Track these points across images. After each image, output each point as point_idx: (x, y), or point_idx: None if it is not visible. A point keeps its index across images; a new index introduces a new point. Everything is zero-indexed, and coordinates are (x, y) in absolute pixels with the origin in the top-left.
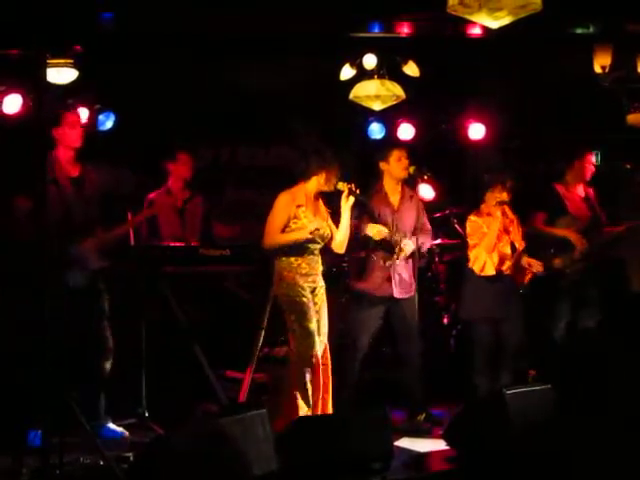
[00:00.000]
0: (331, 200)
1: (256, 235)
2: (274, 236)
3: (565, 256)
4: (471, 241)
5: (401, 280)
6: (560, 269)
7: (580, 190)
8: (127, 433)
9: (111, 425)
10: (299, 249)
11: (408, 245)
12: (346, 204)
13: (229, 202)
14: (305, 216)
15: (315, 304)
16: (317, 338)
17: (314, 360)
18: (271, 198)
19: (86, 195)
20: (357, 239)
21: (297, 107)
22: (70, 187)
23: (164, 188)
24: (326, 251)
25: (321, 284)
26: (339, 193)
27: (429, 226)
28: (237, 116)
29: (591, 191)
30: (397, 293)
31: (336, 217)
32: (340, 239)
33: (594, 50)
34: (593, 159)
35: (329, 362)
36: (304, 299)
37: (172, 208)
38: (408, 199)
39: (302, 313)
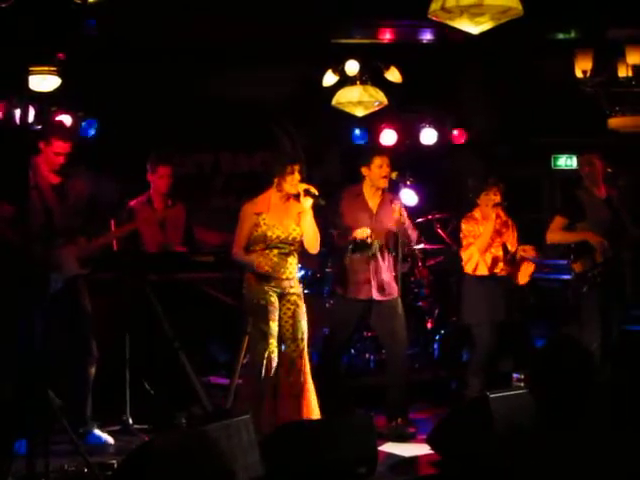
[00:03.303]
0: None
1: None
2: (237, 250)
3: (585, 259)
4: (465, 241)
5: (381, 283)
6: (581, 273)
7: (601, 193)
8: (112, 440)
9: (97, 431)
10: (262, 253)
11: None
12: (305, 204)
13: (213, 209)
14: (264, 223)
15: (288, 310)
16: (274, 341)
17: (268, 362)
18: None
19: (68, 202)
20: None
21: (281, 113)
22: (51, 194)
23: (145, 196)
24: (309, 256)
25: (293, 290)
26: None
27: (409, 222)
28: (221, 123)
29: (614, 192)
30: (377, 295)
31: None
32: (306, 239)
33: (575, 55)
34: (600, 164)
35: (306, 367)
36: (262, 302)
37: (152, 216)
38: (388, 204)
39: (259, 316)
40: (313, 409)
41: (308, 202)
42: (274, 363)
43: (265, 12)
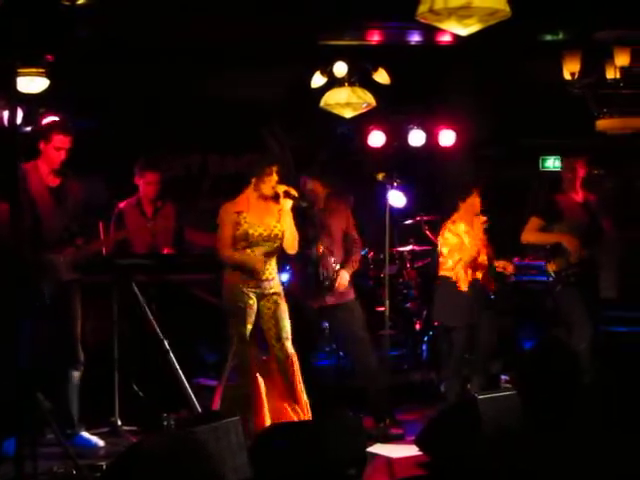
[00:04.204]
0: None
1: None
2: (225, 249)
3: (559, 260)
4: (450, 252)
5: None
6: (555, 273)
7: (578, 196)
8: (101, 442)
9: (85, 434)
10: (244, 253)
11: (343, 277)
12: (285, 206)
13: (202, 210)
14: (246, 222)
15: (268, 310)
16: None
17: (252, 366)
18: None
19: (66, 206)
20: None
21: (271, 116)
22: (49, 197)
23: (135, 198)
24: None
25: (274, 290)
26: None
27: (356, 235)
28: (209, 125)
29: (592, 197)
30: (329, 300)
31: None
32: (286, 240)
33: (563, 57)
34: (582, 169)
35: (295, 366)
36: (240, 304)
37: (142, 218)
38: (333, 209)
39: (238, 318)
40: (304, 409)
41: (288, 204)
42: (255, 364)
43: (254, 13)
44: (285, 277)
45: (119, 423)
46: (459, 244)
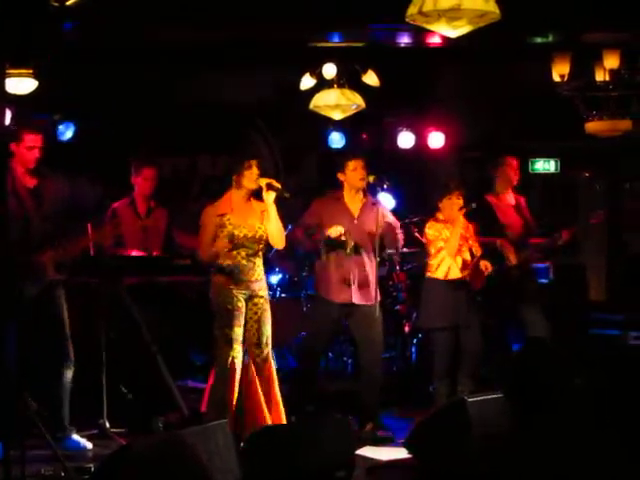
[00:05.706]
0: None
1: None
2: (205, 252)
3: (497, 263)
4: (433, 247)
5: (362, 287)
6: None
7: (510, 198)
8: (89, 444)
9: (75, 436)
10: (229, 255)
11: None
12: (268, 199)
13: (191, 213)
14: (230, 223)
15: (255, 314)
16: (238, 347)
17: (232, 367)
18: None
19: (43, 206)
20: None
21: (259, 116)
22: (27, 198)
23: (128, 199)
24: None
25: (262, 293)
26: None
27: (397, 223)
28: (198, 126)
29: (522, 199)
30: (356, 299)
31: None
32: (272, 234)
33: (553, 59)
34: (516, 164)
35: (272, 372)
36: (229, 306)
37: (135, 219)
38: (369, 207)
39: (225, 319)
40: (280, 414)
41: (271, 196)
42: (238, 368)
43: (244, 15)
44: (275, 279)
45: (107, 425)
46: (439, 237)
